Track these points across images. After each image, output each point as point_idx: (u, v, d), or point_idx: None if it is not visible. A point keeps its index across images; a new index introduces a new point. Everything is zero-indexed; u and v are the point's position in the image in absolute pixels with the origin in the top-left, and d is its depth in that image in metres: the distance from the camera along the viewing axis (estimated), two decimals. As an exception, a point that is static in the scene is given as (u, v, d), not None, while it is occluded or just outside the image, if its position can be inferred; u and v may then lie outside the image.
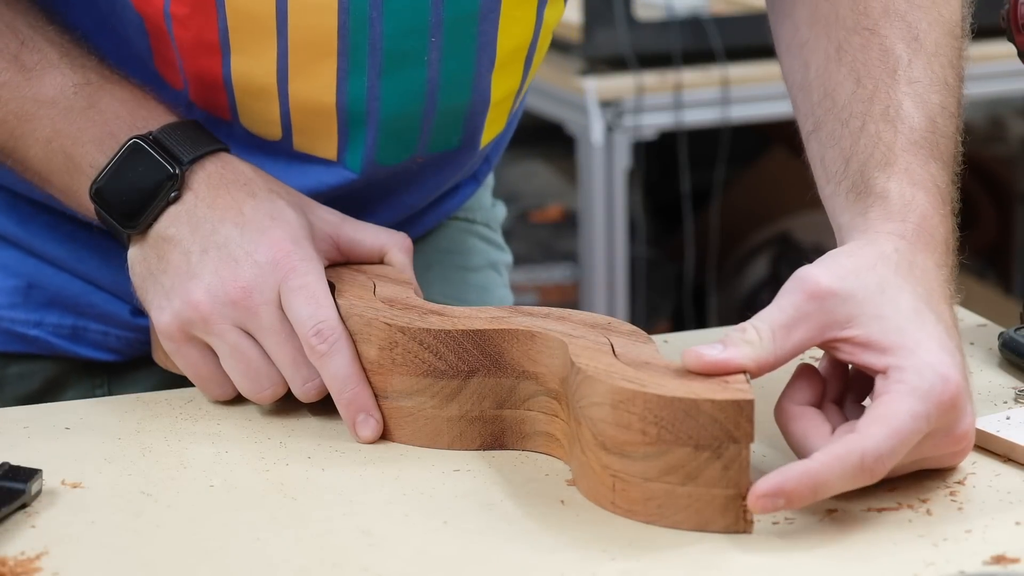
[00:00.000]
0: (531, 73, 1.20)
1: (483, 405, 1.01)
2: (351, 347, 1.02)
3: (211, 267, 1.04)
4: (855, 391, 0.98)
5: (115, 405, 1.10)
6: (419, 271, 1.21)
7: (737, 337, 0.93)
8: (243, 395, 1.06)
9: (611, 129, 2.77)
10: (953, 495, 0.94)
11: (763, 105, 2.82)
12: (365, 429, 1.02)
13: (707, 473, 0.89)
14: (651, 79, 2.78)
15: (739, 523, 0.90)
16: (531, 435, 1.01)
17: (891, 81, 1.05)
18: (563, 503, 0.94)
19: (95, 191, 1.07)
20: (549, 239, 3.23)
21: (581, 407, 0.93)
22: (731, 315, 3.27)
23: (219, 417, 1.06)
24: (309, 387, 1.04)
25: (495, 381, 1.01)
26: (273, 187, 1.09)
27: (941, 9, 1.09)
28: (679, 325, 3.23)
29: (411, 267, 1.12)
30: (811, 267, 0.95)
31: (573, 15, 2.72)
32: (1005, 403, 1.07)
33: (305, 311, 1.02)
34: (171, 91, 1.13)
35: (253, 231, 1.05)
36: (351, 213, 1.15)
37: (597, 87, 2.77)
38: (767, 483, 0.87)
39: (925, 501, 0.93)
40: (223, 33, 1.09)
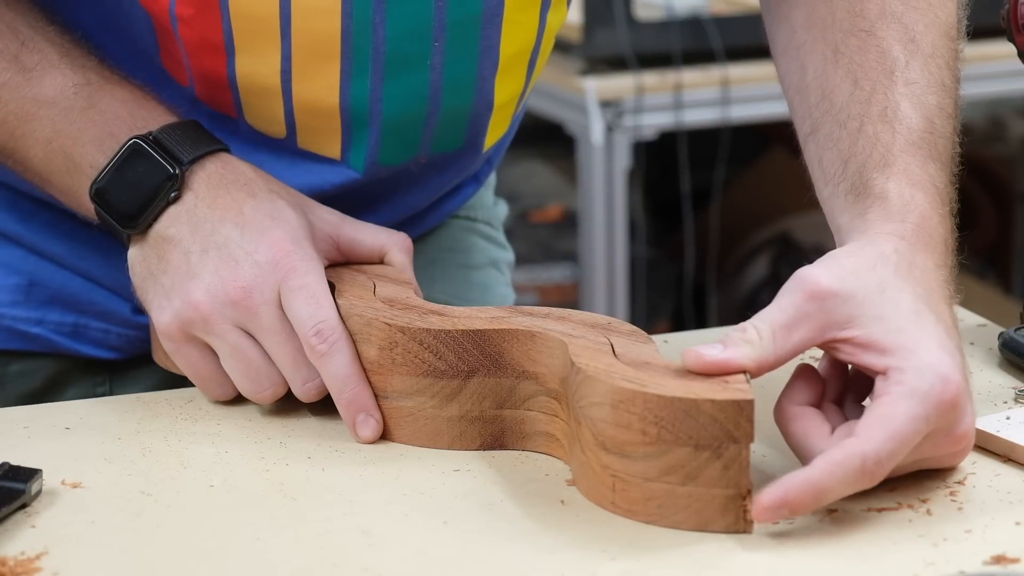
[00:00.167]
0: (534, 77, 1.20)
1: (483, 405, 1.01)
2: (351, 347, 1.02)
3: (211, 267, 1.04)
4: (855, 391, 0.98)
5: (115, 405, 1.10)
6: (421, 270, 1.21)
7: (737, 337, 0.93)
8: (243, 395, 1.06)
9: (611, 129, 2.77)
10: (953, 495, 0.94)
11: (763, 105, 2.82)
12: (365, 429, 1.02)
13: (707, 473, 0.89)
14: (651, 79, 2.78)
15: (739, 523, 0.90)
16: (531, 435, 1.01)
17: (888, 82, 1.05)
18: (563, 503, 0.94)
19: (95, 191, 1.07)
20: (549, 239, 3.23)
21: (581, 407, 0.93)
22: (731, 315, 3.27)
23: (219, 417, 1.06)
24: (309, 387, 1.04)
25: (495, 381, 1.01)
26: (273, 187, 1.09)
27: (937, 11, 1.09)
28: (679, 325, 3.23)
29: (411, 267, 1.12)
30: (811, 267, 0.95)
31: (573, 15, 2.72)
32: (1005, 403, 1.07)
33: (305, 311, 1.02)
34: (177, 87, 1.13)
35: (253, 231, 1.05)
36: (354, 212, 1.15)
37: (597, 87, 2.77)
38: (771, 496, 0.87)
39: (925, 501, 0.93)
40: (227, 34, 1.09)
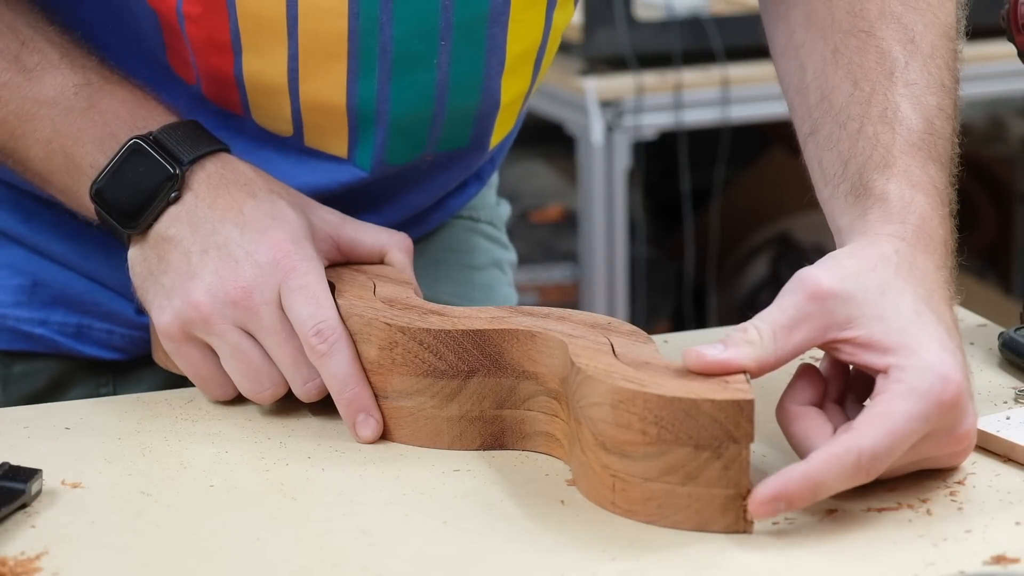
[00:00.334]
0: (540, 75, 1.20)
1: (483, 405, 1.01)
2: (351, 347, 1.02)
3: (211, 267, 1.04)
4: (856, 391, 0.98)
5: (115, 405, 1.10)
6: (424, 270, 1.21)
7: (738, 337, 0.93)
8: (243, 395, 1.06)
9: (611, 129, 2.77)
10: (953, 495, 0.94)
11: (763, 105, 2.82)
12: (365, 429, 1.02)
13: (707, 473, 0.89)
14: (651, 79, 2.78)
15: (739, 523, 0.90)
16: (531, 435, 1.01)
17: (888, 83, 1.05)
18: (563, 503, 0.94)
19: (95, 191, 1.07)
20: (549, 239, 3.23)
21: (581, 407, 0.93)
22: (731, 315, 3.27)
23: (219, 417, 1.06)
24: (309, 387, 1.04)
25: (495, 381, 1.01)
26: (273, 187, 1.09)
27: (936, 11, 1.09)
28: (679, 325, 3.23)
29: (411, 267, 1.12)
30: (812, 268, 0.95)
31: (574, 15, 2.72)
32: (1005, 403, 1.07)
33: (305, 311, 1.02)
34: (183, 85, 1.13)
35: (253, 231, 1.05)
36: (359, 211, 1.15)
37: (597, 87, 2.77)
38: (767, 489, 0.87)
39: (925, 501, 0.93)
40: (234, 33, 1.09)
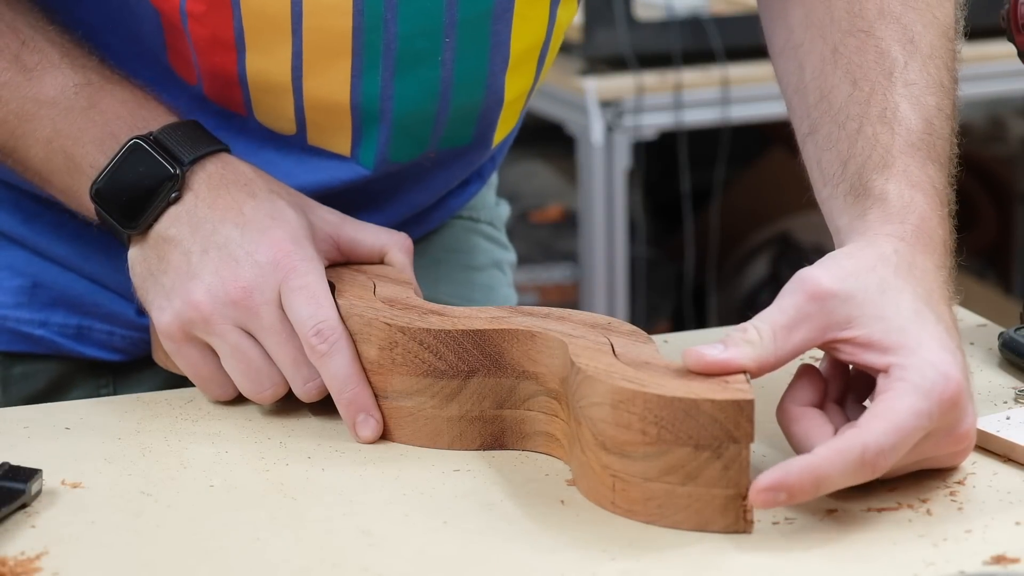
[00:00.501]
0: (544, 72, 1.20)
1: (483, 405, 1.01)
2: (351, 347, 1.02)
3: (211, 267, 1.04)
4: (856, 391, 0.98)
5: (115, 405, 1.10)
6: (424, 270, 1.21)
7: (738, 337, 0.93)
8: (244, 395, 1.06)
9: (611, 129, 2.77)
10: (953, 495, 0.94)
11: (763, 105, 2.82)
12: (365, 429, 1.02)
13: (707, 473, 0.89)
14: (651, 79, 2.78)
15: (739, 523, 0.90)
16: (531, 435, 1.01)
17: (887, 83, 1.05)
18: (563, 503, 0.94)
19: (95, 191, 1.07)
20: (549, 239, 3.23)
21: (581, 407, 0.93)
22: (731, 315, 3.27)
23: (219, 417, 1.06)
24: (310, 387, 1.04)
25: (495, 381, 1.01)
26: (273, 187, 1.09)
27: (935, 11, 1.09)
28: (679, 325, 3.23)
29: (411, 267, 1.12)
30: (812, 268, 0.95)
31: (576, 12, 2.73)
32: (1005, 403, 1.07)
33: (305, 311, 1.02)
34: (184, 86, 1.13)
35: (253, 231, 1.05)
36: (361, 209, 1.15)
37: (597, 87, 2.77)
38: (768, 477, 0.87)
39: (925, 501, 0.93)
40: (238, 31, 1.09)
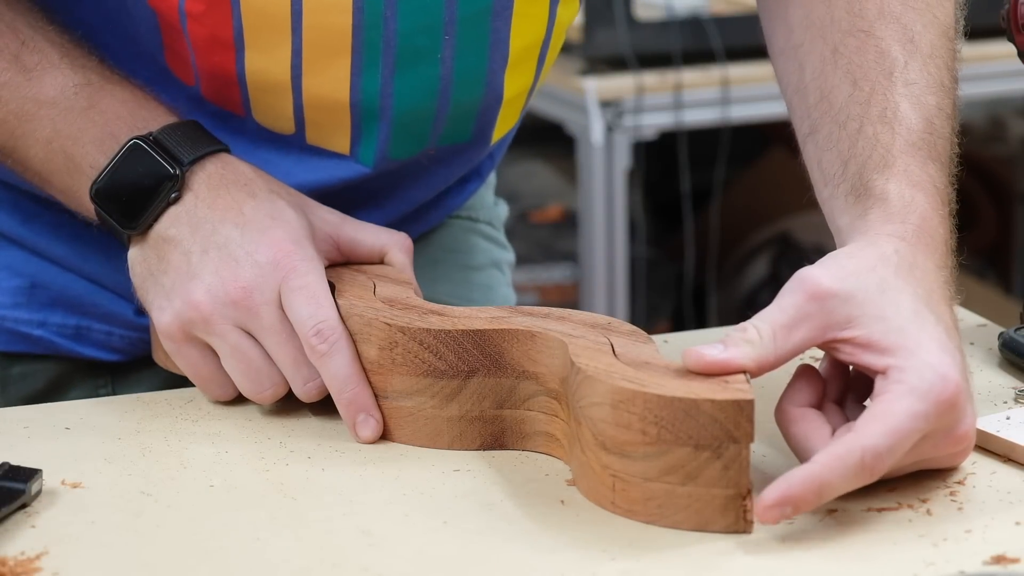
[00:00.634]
0: (544, 71, 1.20)
1: (483, 405, 1.01)
2: (351, 347, 1.02)
3: (211, 267, 1.04)
4: (856, 391, 0.98)
5: (115, 405, 1.10)
6: (422, 270, 1.21)
7: (738, 337, 0.92)
8: (244, 395, 1.06)
9: (611, 129, 2.77)
10: (953, 495, 0.94)
11: (763, 105, 2.82)
12: (365, 429, 1.02)
13: (707, 473, 0.89)
14: (651, 79, 2.78)
15: (739, 523, 0.90)
16: (531, 435, 1.01)
17: (888, 83, 1.05)
18: (563, 503, 0.94)
19: (95, 192, 1.07)
20: (549, 239, 3.23)
21: (581, 407, 0.93)
22: (731, 315, 3.27)
23: (219, 417, 1.06)
24: (310, 387, 1.04)
25: (495, 381, 1.01)
26: (273, 187, 1.09)
27: (935, 11, 1.09)
28: (679, 325, 3.23)
29: (411, 267, 1.12)
30: (812, 268, 0.95)
31: (578, 12, 2.73)
32: (1005, 403, 1.07)
33: (305, 311, 1.02)
34: (181, 87, 1.13)
35: (253, 231, 1.05)
36: (359, 206, 1.15)
37: (597, 87, 2.77)
38: (773, 493, 0.87)
39: (925, 501, 0.93)
40: (238, 31, 1.09)
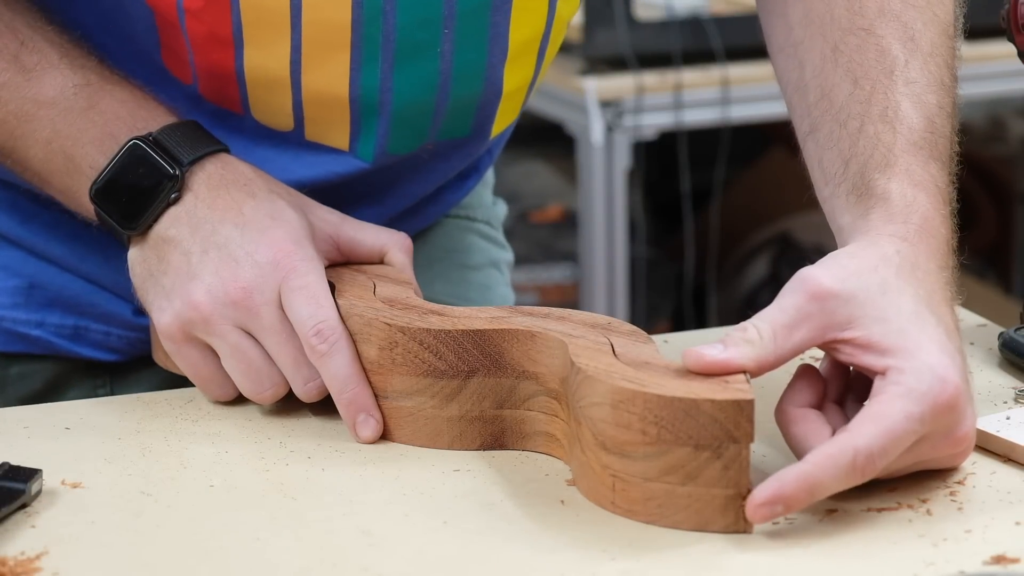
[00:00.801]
0: (545, 66, 1.20)
1: (483, 405, 1.01)
2: (351, 347, 1.02)
3: (211, 267, 1.04)
4: (856, 391, 0.98)
5: (115, 405, 1.10)
6: (420, 269, 1.21)
7: (738, 337, 0.92)
8: (244, 395, 1.06)
9: (611, 129, 2.77)
10: (953, 495, 0.94)
11: (763, 105, 2.82)
12: (365, 429, 1.02)
13: (707, 473, 0.89)
14: (651, 79, 2.78)
15: (739, 523, 0.90)
16: (531, 435, 1.01)
17: (888, 82, 1.05)
18: (563, 503, 0.94)
19: (95, 192, 1.07)
20: (549, 239, 3.23)
21: (581, 407, 0.93)
22: (731, 315, 3.27)
23: (219, 417, 1.06)
24: (310, 387, 1.04)
25: (495, 381, 1.01)
26: (273, 187, 1.09)
27: (935, 9, 1.09)
28: (679, 325, 3.23)
29: (411, 267, 1.12)
30: (813, 268, 0.95)
31: (578, 7, 2.73)
32: (1005, 403, 1.07)
33: (305, 311, 1.02)
34: (178, 86, 1.13)
35: (253, 231, 1.05)
36: (358, 201, 1.15)
37: (597, 87, 2.77)
38: (764, 492, 0.87)
39: (925, 501, 0.93)
40: (237, 27, 1.08)
